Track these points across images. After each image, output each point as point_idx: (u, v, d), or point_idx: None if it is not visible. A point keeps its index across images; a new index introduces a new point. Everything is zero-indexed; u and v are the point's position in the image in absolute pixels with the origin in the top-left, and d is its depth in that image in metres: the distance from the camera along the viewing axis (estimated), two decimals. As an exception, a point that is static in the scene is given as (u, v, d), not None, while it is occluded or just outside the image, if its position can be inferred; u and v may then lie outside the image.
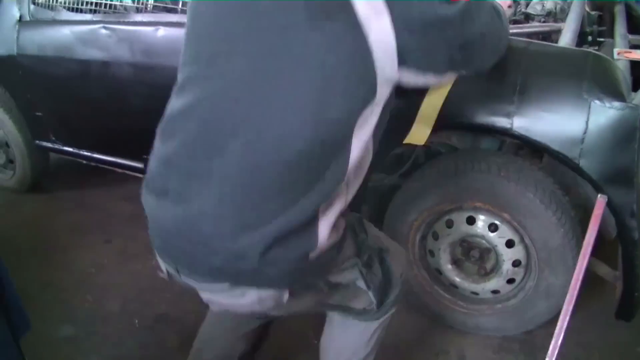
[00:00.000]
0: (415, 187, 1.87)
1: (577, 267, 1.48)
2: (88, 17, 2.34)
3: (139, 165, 2.50)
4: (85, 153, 2.71)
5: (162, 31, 2.14)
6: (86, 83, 2.39)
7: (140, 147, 2.45)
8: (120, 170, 2.62)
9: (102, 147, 2.63)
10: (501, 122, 1.60)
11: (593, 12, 2.24)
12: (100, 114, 2.47)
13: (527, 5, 2.30)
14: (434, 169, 1.85)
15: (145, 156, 2.44)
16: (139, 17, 2.22)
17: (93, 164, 2.73)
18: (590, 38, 2.10)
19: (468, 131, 1.93)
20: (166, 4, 2.27)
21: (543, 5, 2.26)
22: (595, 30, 2.13)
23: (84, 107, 2.52)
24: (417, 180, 1.87)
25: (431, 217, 1.90)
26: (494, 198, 1.74)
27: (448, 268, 1.96)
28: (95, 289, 2.32)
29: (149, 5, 2.22)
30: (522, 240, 1.79)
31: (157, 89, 2.15)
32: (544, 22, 2.19)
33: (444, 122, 1.63)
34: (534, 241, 1.74)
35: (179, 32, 2.09)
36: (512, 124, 1.58)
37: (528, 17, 2.24)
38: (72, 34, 2.36)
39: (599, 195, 1.52)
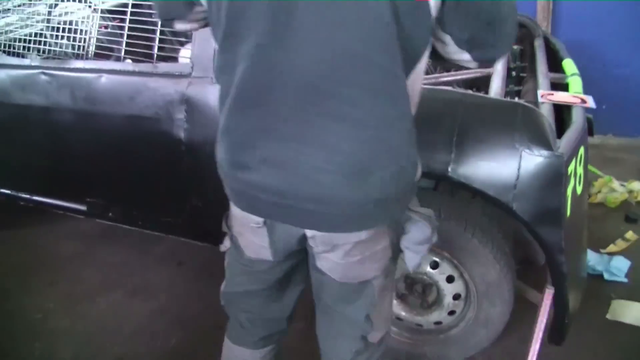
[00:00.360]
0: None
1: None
2: (26, 61, 2.31)
3: (82, 207, 2.49)
4: (24, 195, 2.65)
5: (104, 78, 2.14)
6: (24, 128, 2.36)
7: (82, 189, 2.47)
8: (61, 212, 2.58)
9: (42, 189, 2.59)
10: (440, 168, 1.71)
11: (515, 47, 2.37)
12: (40, 158, 2.44)
13: None
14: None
15: (88, 199, 2.46)
16: (80, 64, 2.21)
17: (32, 205, 2.68)
18: (514, 73, 2.24)
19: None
20: (109, 50, 2.26)
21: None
22: (519, 66, 2.28)
23: (22, 152, 2.48)
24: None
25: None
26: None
27: (394, 303, 2.05)
28: (44, 335, 2.28)
29: (89, 53, 2.21)
30: (461, 275, 1.90)
31: (100, 135, 2.21)
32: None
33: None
34: (473, 277, 1.86)
35: (121, 80, 2.12)
36: (450, 170, 1.70)
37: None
38: (8, 78, 2.32)
39: (546, 288, 1.71)
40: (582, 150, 1.74)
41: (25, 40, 2.35)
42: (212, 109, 1.96)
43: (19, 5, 2.41)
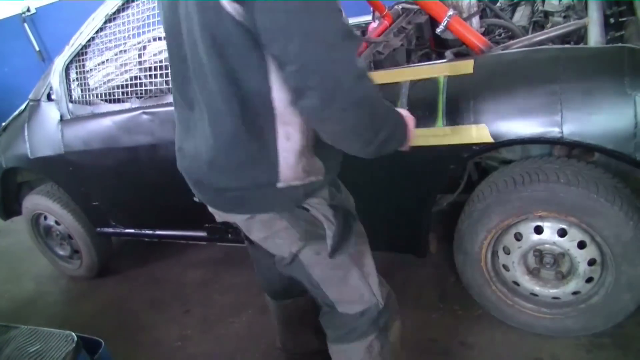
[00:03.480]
0: (478, 208, 1.93)
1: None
2: (126, 105, 2.47)
3: (202, 233, 2.63)
4: (147, 232, 2.85)
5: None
6: (136, 167, 2.54)
7: (199, 217, 2.60)
8: (183, 242, 2.74)
9: (161, 224, 2.77)
10: (552, 132, 1.67)
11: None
12: (154, 194, 2.61)
13: (543, 2, 2.34)
14: (492, 187, 1.90)
15: (207, 225, 2.59)
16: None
17: (155, 240, 2.86)
18: (612, 20, 2.13)
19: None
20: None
21: (560, 0, 2.29)
22: (616, 11, 2.16)
23: (137, 191, 2.66)
24: (479, 201, 1.93)
25: (499, 233, 1.95)
26: (558, 204, 1.78)
27: (525, 279, 2.01)
28: (186, 360, 2.43)
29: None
30: (593, 239, 1.83)
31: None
32: (564, 17, 2.23)
33: (495, 143, 1.72)
34: (606, 238, 1.78)
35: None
36: (562, 132, 1.65)
37: (547, 15, 2.28)
38: (114, 124, 2.50)
39: None
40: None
41: (123, 86, 2.52)
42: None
43: (115, 54, 2.59)
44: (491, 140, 1.75)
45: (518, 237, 1.94)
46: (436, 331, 2.22)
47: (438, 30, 2.02)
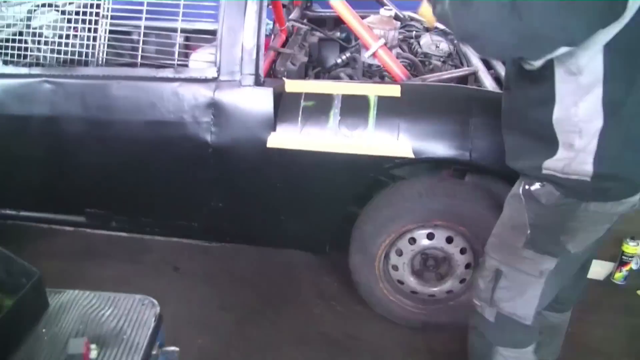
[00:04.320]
0: (385, 214, 2.22)
1: None
2: (24, 70, 2.26)
3: (79, 219, 2.49)
4: (17, 212, 2.58)
5: (117, 84, 2.18)
6: (20, 139, 2.32)
7: (82, 200, 2.46)
8: (56, 226, 2.52)
9: (35, 204, 2.53)
10: (463, 155, 2.02)
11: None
12: (36, 170, 2.39)
13: (419, 43, 2.76)
14: (400, 196, 2.21)
15: (88, 209, 2.45)
16: (92, 71, 2.23)
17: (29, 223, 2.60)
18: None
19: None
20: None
21: (437, 46, 2.74)
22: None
23: (15, 164, 2.40)
24: (386, 207, 2.22)
25: (397, 236, 2.26)
26: (454, 215, 2.16)
27: (410, 279, 2.34)
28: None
29: (100, 59, 2.22)
30: (471, 247, 2.24)
31: (112, 144, 2.23)
32: (443, 62, 2.67)
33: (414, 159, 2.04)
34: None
35: (136, 86, 2.19)
36: (471, 157, 2.02)
37: (427, 56, 2.70)
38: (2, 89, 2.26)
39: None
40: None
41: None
42: (239, 111, 2.12)
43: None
44: (412, 155, 2.05)
45: (411, 241, 2.27)
46: (322, 325, 2.45)
47: (366, 55, 2.29)
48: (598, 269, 2.75)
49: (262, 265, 2.80)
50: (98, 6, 2.24)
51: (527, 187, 1.61)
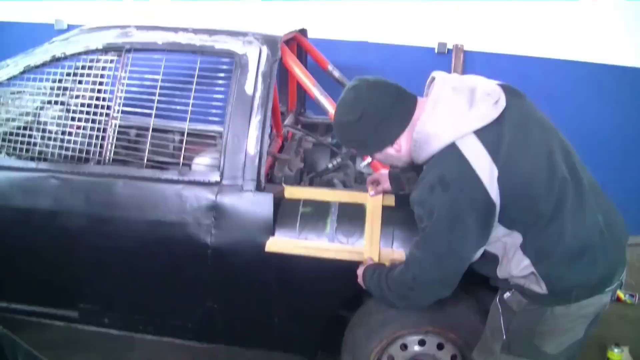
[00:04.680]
0: (377, 319, 2.25)
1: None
2: (31, 165, 2.33)
3: (72, 314, 2.48)
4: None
5: (122, 183, 2.26)
6: (21, 231, 2.35)
7: (75, 295, 2.46)
8: (47, 321, 2.50)
9: (30, 297, 2.51)
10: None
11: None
12: (34, 263, 2.41)
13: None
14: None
15: (81, 305, 2.44)
16: (98, 169, 2.30)
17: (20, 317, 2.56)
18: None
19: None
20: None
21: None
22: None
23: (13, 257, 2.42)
24: (378, 313, 2.25)
25: (388, 342, 2.28)
26: (444, 322, 2.19)
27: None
28: None
29: (107, 158, 2.30)
30: (462, 354, 2.26)
31: (112, 240, 2.28)
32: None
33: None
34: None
35: (140, 186, 2.27)
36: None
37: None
38: (7, 181, 2.32)
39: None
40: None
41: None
42: (239, 215, 2.20)
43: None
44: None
45: (403, 347, 2.28)
46: None
47: (362, 165, 2.41)
48: (585, 378, 2.78)
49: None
50: (109, 107, 2.35)
51: (501, 296, 1.80)
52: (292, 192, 2.28)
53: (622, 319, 3.42)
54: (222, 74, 2.36)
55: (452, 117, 1.60)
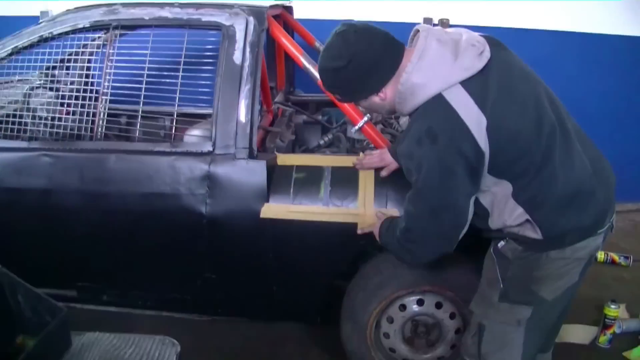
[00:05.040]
0: (375, 281, 2.27)
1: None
2: (23, 144, 2.34)
3: (71, 293, 2.49)
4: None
5: (115, 158, 2.28)
6: (14, 211, 2.35)
7: (73, 273, 2.47)
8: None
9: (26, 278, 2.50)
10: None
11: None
12: (29, 242, 2.41)
13: (398, 122, 2.92)
14: (389, 264, 2.26)
15: (79, 283, 2.45)
16: (90, 145, 2.31)
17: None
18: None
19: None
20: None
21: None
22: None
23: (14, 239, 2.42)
24: (376, 275, 2.28)
25: (387, 304, 2.30)
26: (442, 280, 2.21)
27: (401, 346, 2.36)
28: None
29: (99, 134, 2.31)
30: (460, 311, 2.29)
31: (108, 215, 2.29)
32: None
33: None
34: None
35: (133, 159, 2.28)
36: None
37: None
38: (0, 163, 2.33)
39: None
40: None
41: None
42: (233, 183, 2.21)
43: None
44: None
45: (402, 308, 2.31)
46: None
47: (353, 130, 2.43)
48: (583, 334, 2.83)
49: (253, 339, 2.80)
50: (99, 84, 2.36)
51: (495, 246, 1.83)
52: (285, 159, 2.30)
53: (617, 281, 3.47)
54: (210, 47, 2.38)
55: (438, 68, 1.61)
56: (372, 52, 1.65)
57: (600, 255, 3.67)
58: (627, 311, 3.01)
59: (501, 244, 1.79)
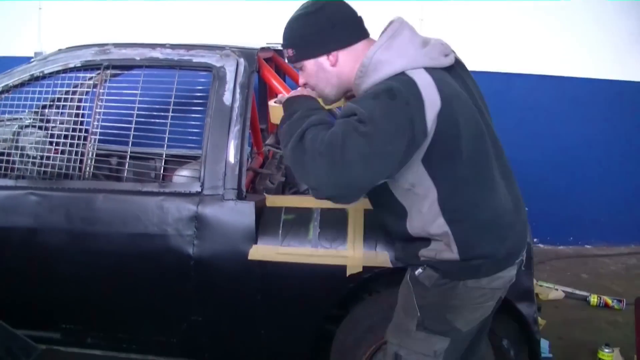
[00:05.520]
0: (365, 325, 2.23)
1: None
2: (10, 183, 2.32)
3: (55, 335, 2.43)
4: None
5: (103, 197, 2.26)
6: (3, 251, 2.32)
7: (57, 315, 2.42)
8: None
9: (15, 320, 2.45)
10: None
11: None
12: (18, 285, 2.37)
13: None
14: (379, 308, 2.23)
15: (64, 325, 2.40)
16: (78, 184, 2.30)
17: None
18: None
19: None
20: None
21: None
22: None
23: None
24: (366, 319, 2.24)
25: (377, 348, 2.25)
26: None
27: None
28: None
29: (87, 173, 2.30)
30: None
31: (94, 256, 2.25)
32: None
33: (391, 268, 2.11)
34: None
35: (121, 199, 2.26)
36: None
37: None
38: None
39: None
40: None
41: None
42: (221, 224, 2.19)
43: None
44: (390, 265, 2.13)
45: (392, 352, 2.27)
46: None
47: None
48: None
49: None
50: (88, 124, 2.36)
51: (412, 273, 1.79)
52: (274, 200, 2.28)
53: (611, 325, 3.43)
54: (201, 88, 2.39)
55: (406, 49, 1.62)
56: (342, 12, 1.69)
57: (594, 299, 3.65)
58: (621, 355, 2.96)
59: (418, 271, 1.76)
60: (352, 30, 1.70)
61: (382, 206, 1.80)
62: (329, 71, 1.70)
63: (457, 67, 1.72)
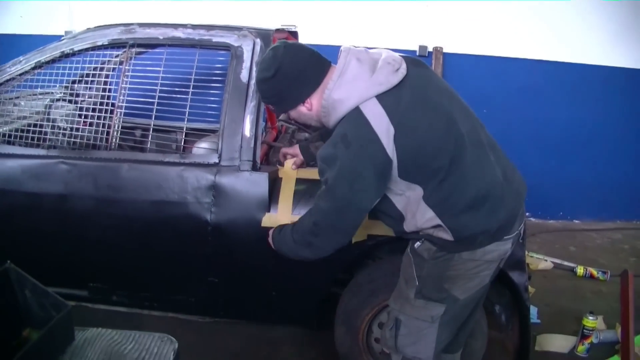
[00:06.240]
0: (368, 288, 2.24)
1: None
2: (42, 152, 2.33)
3: (82, 293, 2.46)
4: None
5: (128, 167, 2.26)
6: (31, 215, 2.33)
7: (85, 274, 2.44)
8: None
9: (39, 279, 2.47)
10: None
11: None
12: (42, 245, 2.39)
13: None
14: (381, 272, 2.24)
15: (91, 284, 2.42)
16: (104, 154, 2.30)
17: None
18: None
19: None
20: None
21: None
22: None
23: (22, 239, 2.40)
24: (369, 282, 2.25)
25: (379, 310, 2.27)
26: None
27: (392, 350, 2.32)
28: None
29: (113, 144, 2.30)
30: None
31: (119, 220, 2.27)
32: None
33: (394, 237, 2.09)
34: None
35: (144, 168, 2.27)
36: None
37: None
38: (19, 168, 2.31)
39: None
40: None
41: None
42: (237, 193, 2.19)
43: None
44: (393, 234, 2.12)
45: (393, 313, 2.28)
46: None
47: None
48: (562, 343, 2.79)
49: (252, 340, 2.76)
50: (115, 98, 2.36)
51: (412, 245, 1.86)
52: (286, 172, 2.28)
53: (596, 294, 3.43)
54: (219, 66, 2.38)
55: (355, 84, 1.66)
56: (297, 65, 1.71)
57: (580, 270, 3.64)
58: (604, 322, 2.97)
59: (417, 244, 1.82)
60: (314, 71, 1.73)
61: (379, 211, 1.83)
62: (308, 114, 1.79)
63: (413, 72, 1.71)
